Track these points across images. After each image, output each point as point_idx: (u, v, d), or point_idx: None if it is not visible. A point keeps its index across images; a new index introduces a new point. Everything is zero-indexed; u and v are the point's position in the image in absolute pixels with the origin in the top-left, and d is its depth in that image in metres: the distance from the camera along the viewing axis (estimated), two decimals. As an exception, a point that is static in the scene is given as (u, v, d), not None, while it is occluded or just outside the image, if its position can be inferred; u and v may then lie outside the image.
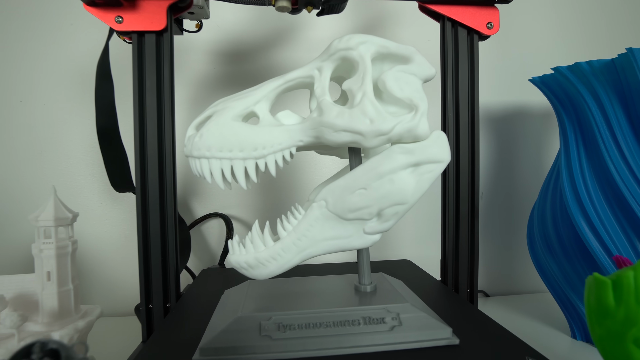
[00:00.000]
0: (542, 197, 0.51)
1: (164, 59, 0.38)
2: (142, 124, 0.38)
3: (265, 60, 0.61)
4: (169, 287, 0.38)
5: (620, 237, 0.42)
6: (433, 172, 0.27)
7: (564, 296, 0.49)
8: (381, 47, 0.29)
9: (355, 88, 0.28)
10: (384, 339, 0.26)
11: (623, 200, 0.42)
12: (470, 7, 0.40)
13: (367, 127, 0.26)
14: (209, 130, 0.28)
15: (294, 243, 0.29)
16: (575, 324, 0.49)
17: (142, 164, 0.38)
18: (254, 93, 0.30)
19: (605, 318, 0.20)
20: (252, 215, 0.61)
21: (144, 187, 0.38)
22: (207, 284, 0.43)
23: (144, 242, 0.38)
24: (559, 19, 0.67)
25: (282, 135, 0.29)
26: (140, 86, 0.38)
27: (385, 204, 0.27)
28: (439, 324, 0.27)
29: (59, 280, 0.38)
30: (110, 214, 0.59)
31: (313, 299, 0.30)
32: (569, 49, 0.68)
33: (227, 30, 0.60)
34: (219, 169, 0.28)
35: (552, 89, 0.49)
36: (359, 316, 0.27)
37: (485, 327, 0.30)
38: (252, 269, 0.29)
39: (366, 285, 0.32)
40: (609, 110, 0.44)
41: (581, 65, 0.44)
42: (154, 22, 0.37)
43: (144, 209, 0.37)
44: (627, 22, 0.70)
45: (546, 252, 0.49)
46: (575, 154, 0.46)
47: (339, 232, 0.28)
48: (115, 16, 0.36)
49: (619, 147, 0.43)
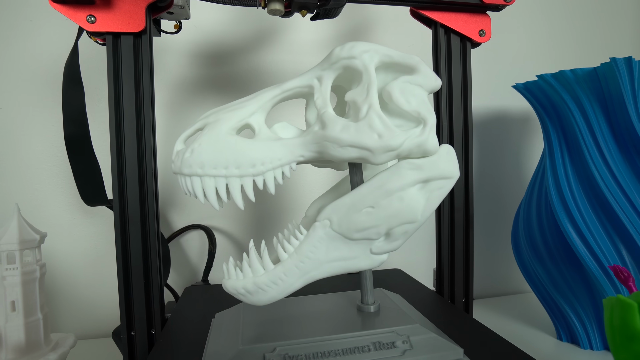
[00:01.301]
0: (527, 202, 0.52)
1: (143, 62, 0.34)
2: (119, 133, 0.34)
3: (246, 64, 0.58)
4: (153, 312, 0.35)
5: (604, 240, 0.43)
6: (443, 189, 0.26)
7: (550, 298, 0.50)
8: (385, 56, 0.27)
9: (360, 100, 0.26)
10: (397, 365, 0.25)
11: (606, 204, 0.43)
12: (463, 14, 0.39)
13: (376, 143, 0.25)
14: (200, 145, 0.26)
15: (297, 266, 0.27)
16: (560, 325, 0.50)
17: (120, 175, 0.35)
18: (248, 104, 0.28)
19: (631, 341, 0.19)
20: (235, 227, 0.58)
21: (122, 201, 0.34)
22: (192, 304, 0.40)
23: (123, 263, 0.34)
24: (543, 27, 0.69)
25: (282, 150, 0.27)
26: (117, 92, 0.34)
27: (394, 222, 0.26)
28: (450, 345, 0.27)
29: (25, 310, 0.34)
30: (79, 229, 0.54)
31: (316, 323, 0.29)
32: (548, 57, 0.69)
33: (206, 31, 0.56)
34: (212, 188, 0.26)
35: (536, 96, 0.50)
36: (368, 342, 0.26)
37: (495, 345, 0.30)
38: (251, 295, 0.27)
39: (369, 305, 0.31)
40: (592, 117, 0.45)
41: (565, 73, 0.45)
42: (132, 23, 0.33)
43: (122, 225, 0.34)
44: (609, 33, 0.72)
45: (532, 255, 0.50)
46: (560, 160, 0.47)
47: (344, 253, 0.27)
48: (86, 15, 0.33)
49: (602, 153, 0.44)
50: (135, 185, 0.34)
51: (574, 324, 0.48)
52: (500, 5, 0.38)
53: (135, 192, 0.34)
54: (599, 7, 0.71)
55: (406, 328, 0.27)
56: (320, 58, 0.59)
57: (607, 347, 0.47)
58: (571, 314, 0.48)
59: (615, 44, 0.73)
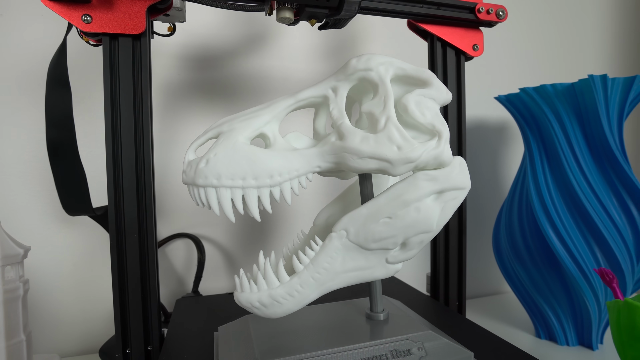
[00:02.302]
0: (509, 207, 0.55)
1: (142, 66, 0.33)
2: (115, 138, 0.33)
3: (234, 68, 0.57)
4: (151, 327, 0.33)
5: (581, 242, 0.46)
6: (457, 199, 0.27)
7: (529, 298, 0.53)
8: (399, 69, 0.28)
9: (378, 112, 0.26)
10: (415, 372, 0.26)
11: (582, 209, 0.46)
12: (458, 29, 0.41)
13: (396, 155, 0.25)
14: (217, 155, 0.25)
15: (313, 277, 0.27)
16: (539, 323, 0.53)
17: (116, 183, 0.33)
18: (262, 113, 0.27)
19: (637, 341, 0.21)
20: (223, 235, 0.56)
21: (118, 210, 0.33)
22: (188, 317, 0.39)
23: (119, 276, 0.33)
24: (525, 43, 0.73)
25: (299, 160, 0.27)
26: (113, 96, 0.33)
27: (411, 232, 0.26)
28: (461, 349, 0.27)
29: (7, 332, 0.31)
30: (57, 240, 0.50)
31: (330, 334, 0.29)
32: (527, 72, 0.74)
33: (194, 33, 0.55)
34: (228, 199, 0.25)
35: (517, 107, 0.53)
36: (386, 350, 0.26)
37: (499, 347, 0.31)
38: (266, 308, 0.26)
39: (379, 313, 0.31)
40: (569, 128, 0.48)
41: (546, 87, 0.48)
42: (131, 25, 0.32)
43: (118, 236, 0.32)
44: (586, 51, 0.78)
45: (513, 257, 0.52)
46: (540, 167, 0.50)
47: (360, 263, 0.27)
48: (82, 14, 0.31)
49: (578, 162, 0.48)
50: (133, 194, 0.33)
51: (552, 322, 0.51)
52: (493, 22, 0.40)
53: (133, 201, 0.33)
54: (577, 27, 0.77)
55: (419, 335, 0.28)
56: (309, 65, 0.60)
57: (581, 343, 0.50)
58: (549, 313, 0.51)
59: (592, 62, 0.78)
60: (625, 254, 0.45)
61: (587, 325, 0.49)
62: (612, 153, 0.46)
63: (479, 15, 0.39)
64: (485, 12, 0.39)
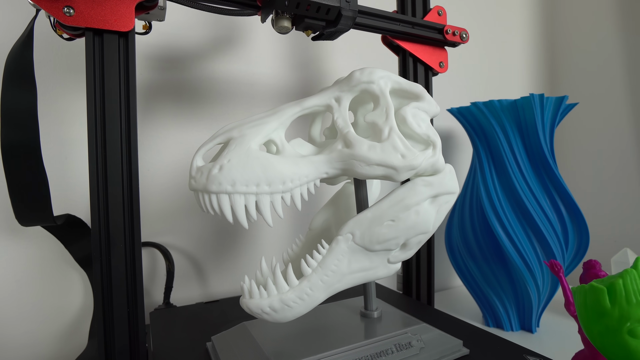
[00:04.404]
0: (460, 209, 0.61)
1: (129, 65, 0.31)
2: (100, 137, 0.30)
3: (200, 71, 0.55)
4: (139, 342, 0.31)
5: (524, 237, 0.53)
6: (449, 203, 0.30)
7: (479, 290, 0.59)
8: (395, 83, 0.30)
9: (381, 122, 0.28)
10: (418, 362, 0.28)
11: (524, 209, 0.53)
12: (427, 47, 0.45)
13: (400, 162, 0.27)
14: (230, 162, 0.25)
15: (321, 279, 0.28)
16: (487, 312, 0.59)
17: (101, 188, 0.30)
18: (270, 120, 0.28)
19: (602, 317, 0.25)
20: (188, 242, 0.54)
21: (102, 219, 0.30)
22: (168, 330, 0.37)
23: (105, 289, 0.30)
24: (475, 62, 0.81)
25: (308, 167, 0.27)
26: (97, 95, 0.30)
27: (411, 233, 0.29)
28: (452, 339, 0.31)
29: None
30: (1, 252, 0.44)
31: (335, 334, 0.30)
32: (474, 88, 0.82)
33: (161, 32, 0.52)
34: (242, 206, 0.25)
35: (468, 119, 0.59)
36: (391, 345, 0.28)
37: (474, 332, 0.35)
38: (277, 313, 0.27)
39: (373, 311, 0.33)
40: (512, 139, 0.55)
41: (493, 102, 0.54)
42: (119, 22, 0.30)
43: (107, 247, 0.30)
44: (527, 72, 0.89)
45: (465, 254, 0.58)
46: (489, 173, 0.57)
47: (364, 264, 0.29)
48: (63, 6, 0.28)
49: (519, 167, 0.55)
50: (119, 200, 0.31)
51: (499, 310, 0.57)
52: (457, 42, 0.45)
53: (119, 208, 0.31)
54: (519, 52, 0.87)
55: (417, 328, 0.30)
56: (275, 71, 0.61)
57: (523, 328, 0.57)
58: (497, 302, 0.57)
59: (532, 82, 0.90)
60: (557, 245, 0.53)
61: (528, 311, 0.56)
62: (546, 159, 0.54)
63: (446, 36, 0.44)
64: (452, 33, 0.44)
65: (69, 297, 0.48)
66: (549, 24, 0.92)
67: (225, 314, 0.40)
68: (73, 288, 0.49)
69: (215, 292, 0.56)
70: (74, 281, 0.49)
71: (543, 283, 0.54)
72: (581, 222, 0.54)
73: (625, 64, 0.79)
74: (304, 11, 0.32)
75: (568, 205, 0.54)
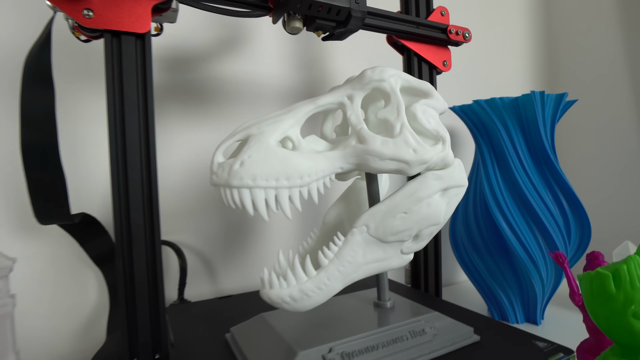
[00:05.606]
0: (464, 205, 0.62)
1: (146, 65, 0.32)
2: (121, 137, 0.31)
3: (208, 72, 0.56)
4: (161, 334, 0.32)
5: (527, 231, 0.54)
6: (458, 195, 0.31)
7: (484, 283, 0.60)
8: (405, 81, 0.32)
9: (392, 118, 0.30)
10: (431, 347, 0.29)
11: (527, 203, 0.54)
12: (432, 46, 0.46)
13: (413, 157, 0.28)
14: (251, 157, 0.26)
15: (338, 270, 0.29)
16: (492, 306, 0.61)
17: (122, 185, 0.31)
18: (286, 117, 0.29)
19: (608, 301, 0.26)
20: (198, 241, 0.55)
21: (123, 215, 0.31)
22: (185, 324, 0.38)
23: (128, 282, 0.31)
24: (477, 61, 0.82)
25: (324, 162, 0.29)
26: (116, 95, 0.31)
27: (423, 225, 0.30)
28: (463, 326, 0.32)
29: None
30: (19, 251, 0.45)
31: (352, 323, 0.31)
32: (477, 85, 0.83)
33: (170, 34, 0.53)
34: (262, 200, 0.26)
35: (470, 117, 0.60)
36: (405, 331, 0.29)
37: (483, 321, 0.36)
38: (296, 302, 0.28)
39: (386, 301, 0.34)
40: (514, 135, 0.56)
41: (495, 100, 0.56)
42: (137, 23, 0.31)
43: (128, 242, 0.31)
44: (529, 70, 0.90)
45: (470, 248, 0.59)
46: (491, 169, 0.58)
47: (379, 255, 0.30)
48: (83, 8, 0.29)
49: (522, 164, 0.56)
50: (139, 196, 0.32)
51: (504, 303, 0.59)
52: (460, 41, 0.46)
53: (139, 205, 0.32)
54: (520, 50, 0.89)
55: (429, 316, 0.31)
56: (280, 71, 0.62)
57: (528, 320, 0.59)
58: (502, 295, 0.59)
59: (533, 80, 0.91)
60: (560, 237, 0.54)
61: (533, 303, 0.57)
62: (547, 155, 0.55)
63: (450, 35, 0.45)
64: (455, 33, 0.45)
65: (84, 294, 0.49)
66: (549, 23, 0.93)
67: (239, 308, 0.41)
68: (88, 286, 0.50)
69: (225, 289, 0.57)
70: (89, 279, 0.50)
71: (547, 275, 0.55)
72: (583, 215, 0.55)
73: (625, 60, 0.80)
74: (315, 12, 0.33)
75: (570, 199, 0.55)
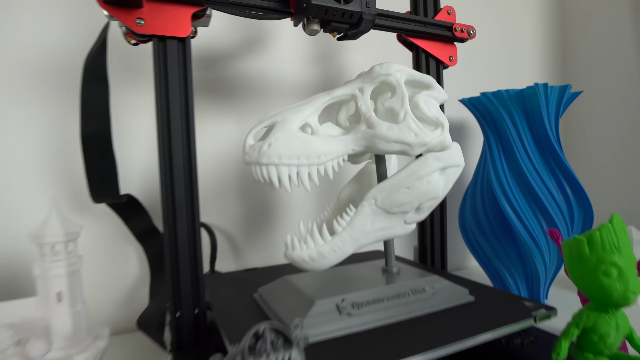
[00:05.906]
0: (472, 191, 0.66)
1: (187, 66, 0.38)
2: (167, 132, 0.37)
3: (234, 70, 0.62)
4: (200, 293, 0.38)
5: (531, 216, 0.58)
6: (455, 174, 0.35)
7: (491, 265, 0.64)
8: (409, 75, 0.36)
9: (397, 107, 0.34)
10: (430, 303, 0.34)
11: (531, 190, 0.58)
12: (438, 43, 0.50)
13: (414, 140, 0.33)
14: (277, 140, 0.32)
15: (350, 236, 0.34)
16: (498, 286, 0.64)
17: (168, 170, 0.37)
18: (306, 107, 0.34)
19: (582, 262, 0.31)
20: (227, 222, 0.61)
21: (169, 193, 0.37)
22: (219, 288, 0.44)
23: (173, 249, 0.37)
24: (484, 54, 0.85)
25: (338, 144, 0.34)
26: (164, 92, 0.37)
27: (424, 199, 0.34)
28: (460, 288, 0.36)
29: (70, 301, 0.35)
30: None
31: (361, 282, 0.36)
32: (485, 79, 0.86)
33: (200, 35, 0.59)
34: (287, 175, 0.32)
35: (478, 108, 0.64)
36: (407, 288, 0.34)
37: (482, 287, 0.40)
38: (314, 262, 0.33)
39: (393, 267, 0.39)
40: (519, 126, 0.60)
41: (501, 92, 0.59)
42: (179, 29, 0.37)
43: (173, 215, 0.37)
44: (533, 63, 0.93)
45: (478, 233, 0.63)
46: (498, 157, 0.62)
47: (385, 224, 0.35)
48: (136, 18, 0.35)
49: (527, 153, 0.60)
50: (181, 176, 0.38)
51: (509, 284, 0.62)
52: (465, 38, 0.50)
53: (181, 183, 0.38)
54: (526, 43, 0.91)
55: (430, 278, 0.36)
56: (300, 68, 0.67)
57: (532, 299, 0.62)
58: (507, 276, 0.62)
59: (542, 72, 0.94)
60: (563, 223, 0.57)
61: (537, 284, 0.61)
62: (551, 145, 0.58)
63: (455, 33, 0.49)
64: (460, 30, 0.49)
65: (126, 267, 0.56)
66: (558, 15, 0.95)
67: (264, 277, 0.47)
68: (130, 259, 0.56)
69: (250, 265, 0.63)
70: (130, 253, 0.57)
71: (549, 257, 0.59)
72: (585, 200, 0.58)
73: (636, 53, 0.82)
74: (331, 16, 0.38)
75: (572, 185, 0.59)
